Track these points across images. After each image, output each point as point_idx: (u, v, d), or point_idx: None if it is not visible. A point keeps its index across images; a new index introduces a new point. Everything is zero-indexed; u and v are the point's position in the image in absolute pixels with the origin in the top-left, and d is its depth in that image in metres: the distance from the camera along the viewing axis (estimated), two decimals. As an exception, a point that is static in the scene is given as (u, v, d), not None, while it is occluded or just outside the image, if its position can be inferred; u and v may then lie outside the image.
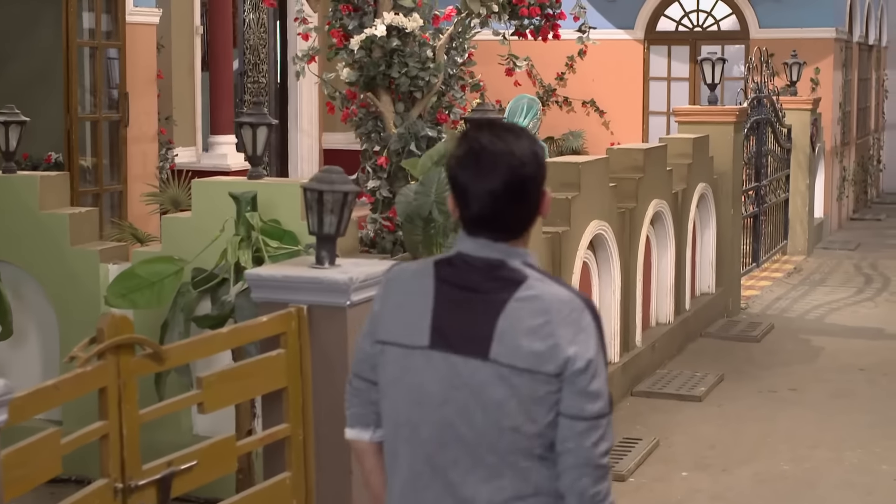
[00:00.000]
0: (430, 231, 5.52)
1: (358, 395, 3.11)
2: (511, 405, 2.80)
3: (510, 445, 2.83)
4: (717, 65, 11.28)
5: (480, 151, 2.85)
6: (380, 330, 3.00)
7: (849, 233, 17.41)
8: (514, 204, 2.87)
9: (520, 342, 2.80)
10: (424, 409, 2.90)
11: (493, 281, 2.86)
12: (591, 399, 2.82)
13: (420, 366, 2.90)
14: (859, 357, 9.81)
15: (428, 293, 2.92)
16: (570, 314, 2.84)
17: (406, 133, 6.37)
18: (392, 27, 6.33)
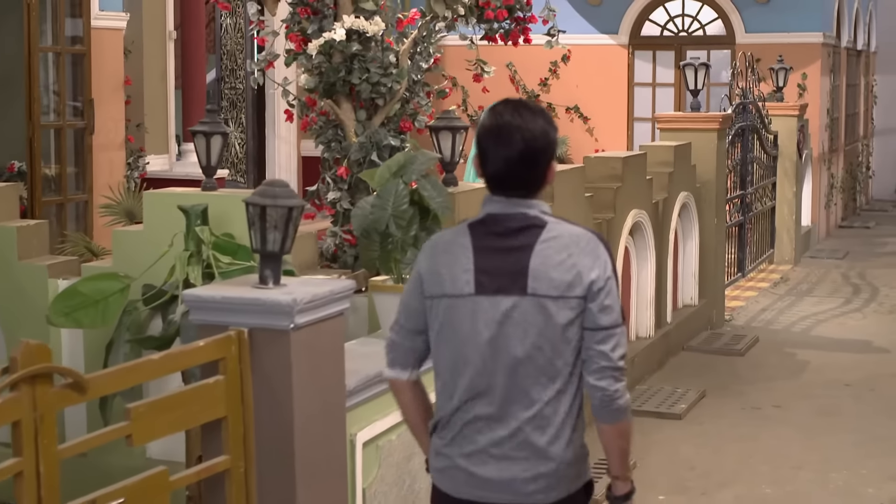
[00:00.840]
0: (388, 246, 5.21)
1: (400, 343, 3.71)
2: (550, 329, 3.45)
3: (548, 362, 3.48)
4: (700, 70, 10.98)
5: (502, 124, 3.48)
6: (426, 287, 3.60)
7: (837, 241, 17.12)
8: (526, 169, 3.50)
9: (551, 275, 3.44)
10: (472, 347, 3.52)
11: (519, 230, 3.49)
12: (607, 312, 3.47)
13: (468, 310, 3.51)
14: (846, 372, 9.52)
15: (467, 250, 3.53)
16: (587, 246, 3.49)
17: (367, 142, 6.07)
18: (352, 31, 6.03)
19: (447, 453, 3.62)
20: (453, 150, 6.35)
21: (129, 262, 6.07)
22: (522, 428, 3.52)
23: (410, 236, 5.22)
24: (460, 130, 6.36)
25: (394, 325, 3.75)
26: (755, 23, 16.34)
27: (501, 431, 3.53)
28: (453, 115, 6.43)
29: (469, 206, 6.24)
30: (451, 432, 3.61)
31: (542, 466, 3.53)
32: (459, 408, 3.57)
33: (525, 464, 3.54)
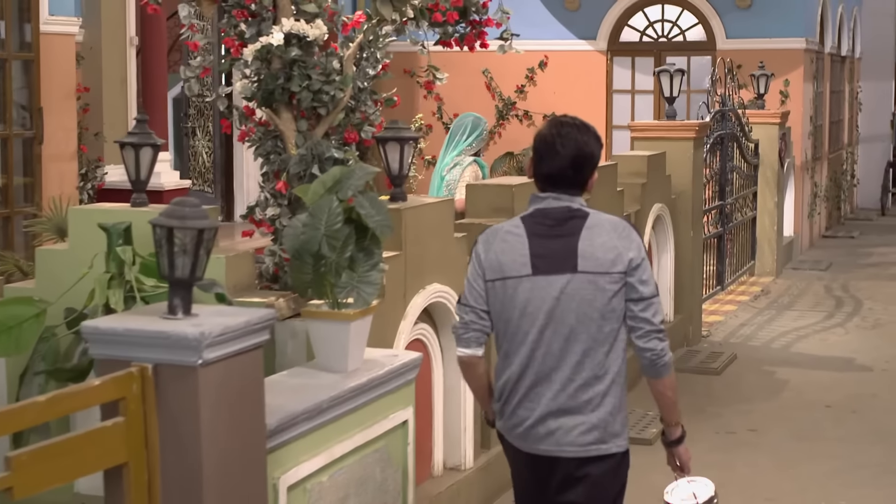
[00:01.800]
0: (321, 269, 4.78)
1: (474, 323, 4.35)
2: (599, 300, 4.13)
3: (597, 333, 4.14)
4: (675, 77, 10.57)
5: (563, 133, 4.27)
6: (488, 272, 4.29)
7: (820, 251, 16.73)
8: (575, 172, 4.23)
9: (596, 255, 4.15)
10: (531, 319, 4.18)
11: (566, 220, 4.21)
12: (645, 284, 4.17)
13: (526, 288, 4.19)
14: (826, 392, 9.10)
15: (522, 238, 4.24)
16: (623, 231, 4.24)
17: (308, 154, 5.64)
18: (292, 35, 5.60)
19: (516, 414, 4.28)
20: (401, 162, 5.92)
21: (53, 282, 5.64)
22: (576, 387, 4.18)
23: (345, 258, 4.78)
24: (409, 141, 5.93)
25: (463, 309, 4.39)
26: (736, 28, 15.96)
27: (558, 391, 4.19)
28: (401, 126, 6.00)
29: (419, 222, 5.82)
30: (516, 396, 4.27)
31: (595, 419, 4.18)
32: (522, 374, 4.25)
33: (580, 417, 4.18)
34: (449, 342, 6.28)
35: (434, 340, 6.17)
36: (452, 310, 6.15)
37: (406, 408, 5.03)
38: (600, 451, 4.22)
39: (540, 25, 16.64)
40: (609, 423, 4.20)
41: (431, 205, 6.00)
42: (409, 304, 5.75)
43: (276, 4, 5.83)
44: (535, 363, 4.22)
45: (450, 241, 6.16)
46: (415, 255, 5.77)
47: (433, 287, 5.94)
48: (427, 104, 17.24)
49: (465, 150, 8.36)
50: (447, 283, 6.07)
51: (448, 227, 6.13)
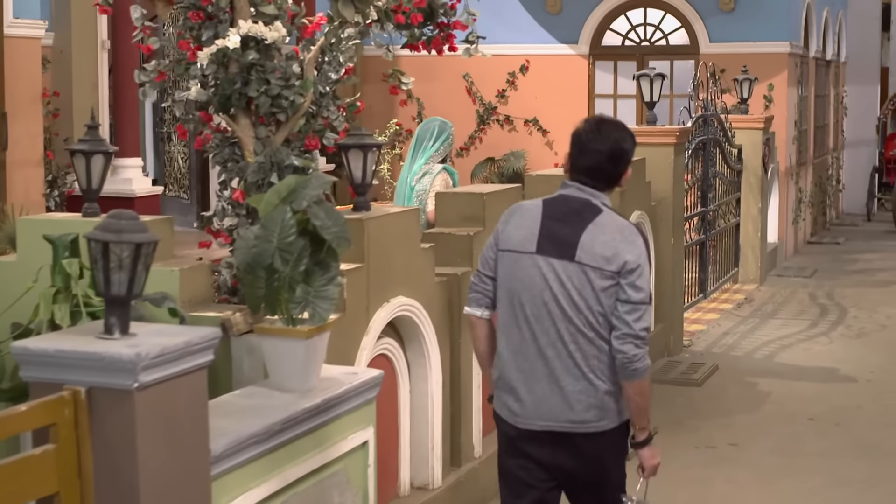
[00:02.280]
0: (274, 283, 4.54)
1: (479, 286, 4.60)
2: (587, 290, 4.33)
3: (584, 320, 4.34)
4: (655, 81, 10.35)
5: (602, 127, 4.52)
6: (501, 242, 4.53)
7: (805, 258, 16.53)
8: (611, 164, 4.45)
9: (595, 250, 4.34)
10: (530, 294, 4.40)
11: (580, 211, 4.42)
12: (636, 290, 4.31)
13: (529, 265, 4.42)
14: (809, 404, 8.88)
15: (537, 218, 4.47)
16: (629, 235, 4.40)
17: (266, 162, 5.40)
18: (249, 38, 5.37)
19: (512, 389, 4.49)
20: (364, 170, 5.68)
21: (2, 295, 5.41)
22: (570, 367, 4.39)
23: (300, 272, 4.55)
24: (372, 148, 5.69)
25: (477, 272, 4.65)
26: (719, 32, 15.75)
27: (554, 368, 4.40)
28: (364, 132, 5.76)
29: (383, 232, 5.59)
30: (511, 369, 4.49)
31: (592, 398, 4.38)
32: (518, 347, 4.46)
33: (575, 395, 4.39)
34: (416, 357, 6.05)
35: (400, 355, 5.94)
36: (419, 323, 5.92)
37: (366, 428, 4.80)
38: (598, 427, 4.42)
39: (521, 29, 16.43)
40: (605, 401, 4.40)
41: (396, 214, 5.77)
42: (373, 319, 5.51)
43: (233, 6, 5.59)
44: (531, 338, 4.45)
45: (416, 253, 5.92)
46: (378, 266, 5.53)
47: (398, 300, 5.71)
48: (407, 109, 17.03)
49: (432, 156, 8.08)
50: (414, 295, 5.84)
51: (414, 238, 5.90)
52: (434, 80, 16.75)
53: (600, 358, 4.36)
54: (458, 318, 6.41)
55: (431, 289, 6.07)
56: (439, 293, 6.19)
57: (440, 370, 6.11)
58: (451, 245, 6.54)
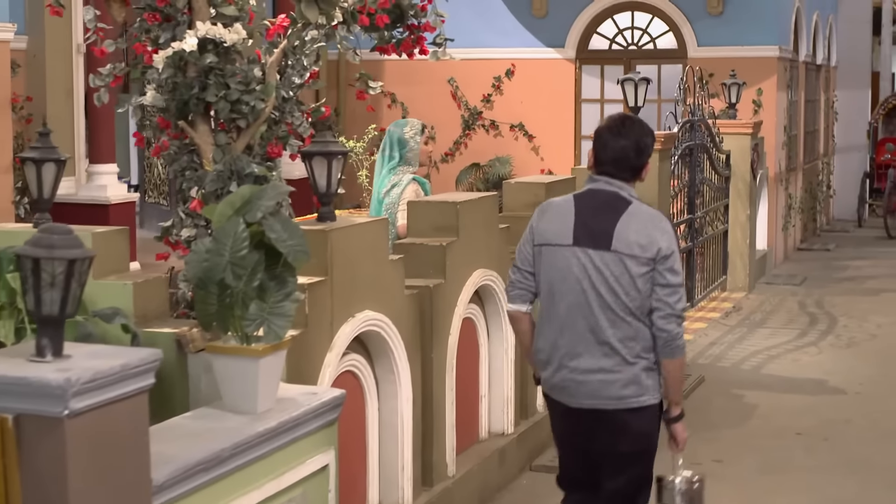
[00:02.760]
0: (226, 300, 4.29)
1: (519, 283, 4.87)
2: (625, 278, 4.63)
3: (623, 305, 4.65)
4: (640, 85, 10.12)
5: (625, 122, 4.82)
6: (537, 237, 4.80)
7: (795, 265, 16.30)
8: (636, 157, 4.75)
9: (630, 239, 4.64)
10: (568, 284, 4.69)
11: (611, 203, 4.71)
12: (673, 273, 4.65)
13: (566, 257, 4.70)
14: (797, 417, 8.64)
15: (570, 212, 4.75)
16: (659, 223, 4.73)
17: (225, 171, 5.15)
18: (207, 40, 5.12)
19: (558, 372, 4.81)
20: (329, 179, 5.43)
21: (-50, 310, 5.14)
22: (609, 348, 4.70)
23: (253, 287, 4.29)
24: (337, 156, 5.43)
25: (512, 269, 4.94)
26: (708, 36, 15.52)
27: (595, 351, 4.72)
28: (329, 139, 5.51)
29: (348, 244, 5.34)
30: (557, 355, 4.81)
31: (630, 375, 4.69)
32: (560, 334, 4.78)
33: (615, 375, 4.70)
34: (385, 373, 5.80)
35: (368, 372, 5.69)
36: (387, 338, 5.67)
37: (326, 451, 4.55)
38: (639, 402, 4.73)
39: (507, 33, 16.20)
40: (642, 378, 4.72)
41: (362, 225, 5.52)
42: (337, 334, 5.26)
43: (191, 7, 5.34)
44: (572, 325, 4.75)
45: (384, 265, 5.67)
46: (343, 280, 5.28)
47: (365, 315, 5.45)
48: (392, 114, 16.78)
49: (401, 166, 7.68)
50: (381, 310, 5.58)
51: (382, 249, 5.65)
52: (418, 84, 16.52)
53: (636, 339, 4.70)
54: (430, 332, 6.17)
55: (401, 302, 5.82)
56: (409, 307, 5.94)
57: (410, 387, 5.86)
58: (423, 256, 6.30)
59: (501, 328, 7.04)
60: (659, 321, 4.67)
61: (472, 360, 6.88)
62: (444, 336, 6.31)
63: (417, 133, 7.67)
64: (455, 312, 6.43)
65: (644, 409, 4.76)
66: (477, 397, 6.98)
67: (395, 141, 7.67)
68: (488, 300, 6.96)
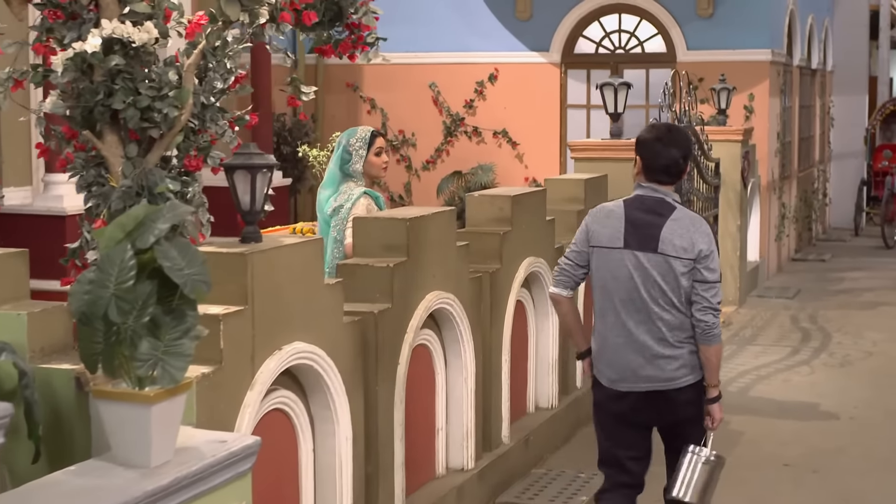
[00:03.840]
0: (111, 338, 3.72)
1: (567, 271, 5.45)
2: (670, 276, 5.21)
3: (668, 300, 5.23)
4: (620, 91, 9.55)
5: (673, 131, 5.47)
6: (592, 240, 5.36)
7: (789, 276, 15.72)
8: (683, 161, 5.38)
9: (675, 242, 5.23)
10: (620, 282, 5.27)
11: (656, 209, 5.31)
12: (710, 272, 5.24)
13: (617, 258, 5.28)
14: (785, 446, 8.06)
15: (621, 218, 5.33)
16: (700, 227, 5.33)
17: (133, 187, 4.59)
18: (113, 40, 4.56)
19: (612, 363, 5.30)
20: (253, 195, 4.85)
21: None
22: (651, 339, 5.22)
23: (144, 324, 3.72)
24: (262, 170, 4.85)
25: (563, 260, 5.45)
26: (698, 39, 14.96)
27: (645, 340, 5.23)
28: (254, 151, 4.92)
29: (274, 268, 4.76)
30: (609, 346, 5.30)
31: (681, 359, 5.22)
32: (613, 327, 5.27)
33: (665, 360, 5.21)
34: (321, 410, 5.23)
35: (300, 409, 5.10)
36: (322, 372, 5.10)
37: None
38: (686, 381, 5.27)
39: (489, 36, 15.65)
40: (688, 360, 5.25)
41: (292, 246, 4.92)
42: (259, 371, 4.68)
43: (98, 3, 4.77)
44: (624, 319, 5.26)
45: (319, 290, 5.08)
46: (267, 308, 4.70)
47: (294, 347, 4.87)
48: (371, 119, 16.23)
49: (350, 179, 6.85)
50: (315, 340, 5.00)
51: (315, 273, 5.06)
52: (398, 89, 15.97)
53: (682, 328, 5.22)
54: (375, 362, 5.59)
55: (338, 331, 5.24)
56: (349, 336, 5.35)
57: (350, 424, 5.28)
58: (369, 278, 5.72)
59: (460, 355, 6.47)
60: (697, 314, 5.20)
61: (426, 391, 6.31)
62: (391, 366, 5.73)
63: (363, 145, 6.79)
64: (405, 340, 5.85)
65: (691, 386, 5.29)
66: (433, 431, 6.40)
67: (343, 146, 6.90)
68: (445, 325, 6.39)
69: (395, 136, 16.15)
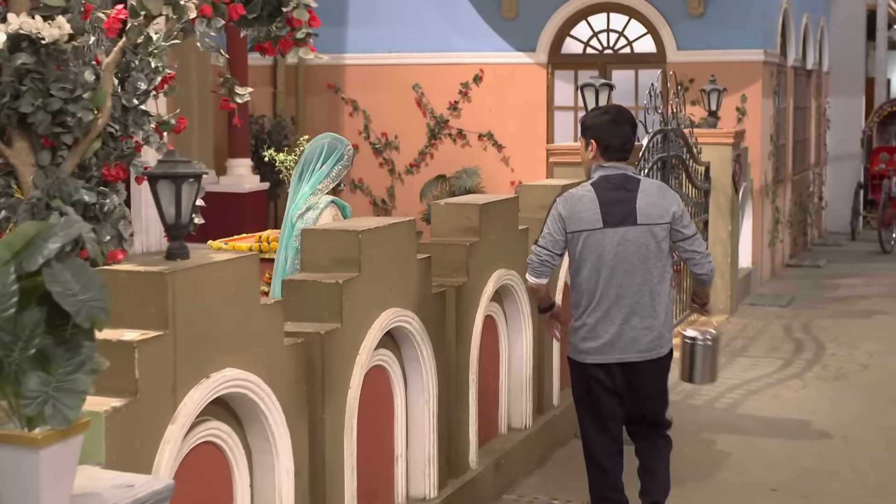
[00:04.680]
0: (-10, 373, 3.27)
1: (549, 262, 5.73)
2: (651, 244, 5.61)
3: (649, 270, 5.62)
4: (601, 91, 9.10)
5: (621, 111, 5.89)
6: (570, 226, 5.65)
7: (782, 283, 15.27)
8: (633, 138, 5.80)
9: (650, 212, 5.62)
10: (604, 260, 5.60)
11: (624, 185, 5.68)
12: (687, 227, 5.72)
13: (599, 238, 5.60)
14: (773, 469, 7.60)
15: (594, 199, 5.64)
16: (667, 191, 5.81)
17: (43, 198, 4.14)
18: (21, 36, 4.11)
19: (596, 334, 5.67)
20: (178, 206, 4.40)
21: None
22: (640, 307, 5.61)
23: (30, 357, 3.27)
24: (187, 179, 4.40)
25: (540, 250, 5.71)
26: (688, 39, 14.52)
27: (627, 312, 5.61)
28: (179, 158, 4.46)
29: (200, 287, 4.30)
30: (593, 320, 5.66)
31: (649, 330, 5.63)
32: (599, 302, 5.63)
33: (640, 330, 5.63)
34: (259, 442, 4.77)
35: (235, 442, 4.65)
36: (258, 401, 4.64)
37: (146, 560, 3.51)
38: (660, 353, 5.70)
39: (474, 36, 15.21)
40: (661, 330, 5.68)
41: (222, 264, 4.47)
42: (182, 402, 4.22)
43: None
44: (609, 293, 5.60)
45: (254, 310, 4.63)
46: (192, 333, 4.25)
47: (224, 374, 4.42)
48: (353, 122, 15.81)
49: (321, 183, 6.54)
50: (249, 366, 4.55)
51: (251, 292, 4.61)
52: (381, 90, 15.54)
53: (662, 297, 5.66)
54: (322, 387, 5.14)
55: (278, 355, 4.78)
56: (291, 360, 4.89)
57: (291, 456, 4.83)
58: (316, 296, 5.27)
59: (421, 376, 6.02)
60: (695, 268, 5.76)
61: (384, 416, 5.86)
62: (340, 391, 5.27)
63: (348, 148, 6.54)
64: (356, 362, 5.39)
65: (662, 358, 5.74)
66: (391, 458, 5.95)
67: (320, 154, 6.49)
68: (405, 344, 5.93)
69: (377, 138, 15.71)
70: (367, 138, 15.75)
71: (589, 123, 5.78)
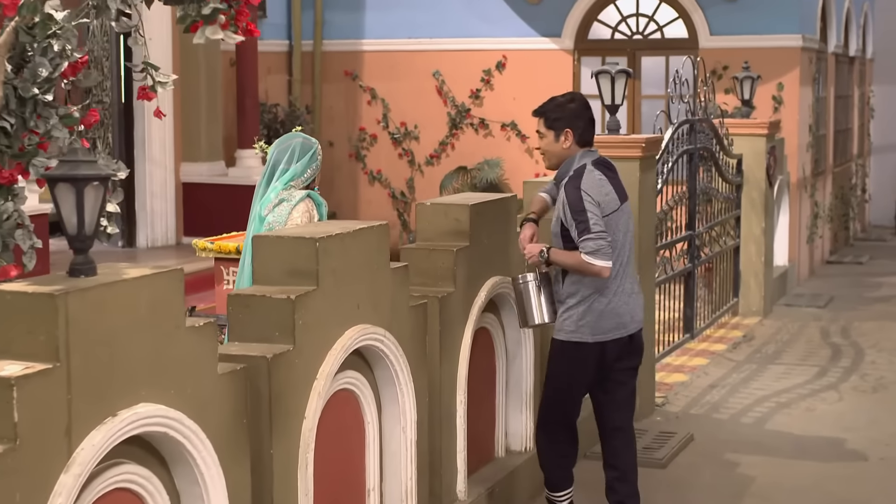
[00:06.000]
0: None
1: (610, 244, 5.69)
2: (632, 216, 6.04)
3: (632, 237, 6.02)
4: (618, 79, 8.37)
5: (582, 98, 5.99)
6: (605, 208, 5.72)
7: (822, 282, 14.47)
8: None
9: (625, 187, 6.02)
10: (625, 235, 5.85)
11: (609, 165, 5.93)
12: None
13: (622, 214, 5.82)
14: (802, 496, 6.88)
15: (605, 180, 5.81)
16: None
17: (-84, 205, 3.50)
18: None
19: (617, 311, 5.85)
20: (81, 215, 3.72)
21: None
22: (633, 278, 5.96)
23: None
24: (92, 182, 3.72)
25: (603, 234, 5.69)
26: (722, 24, 13.76)
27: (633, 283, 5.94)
28: (82, 157, 3.78)
29: (103, 311, 3.63)
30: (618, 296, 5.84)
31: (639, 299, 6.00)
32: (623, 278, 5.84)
33: (637, 300, 5.96)
34: (188, 485, 4.10)
35: (156, 486, 3.98)
36: (183, 440, 3.97)
37: None
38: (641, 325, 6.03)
39: (497, 21, 14.51)
40: None
41: (133, 282, 3.79)
42: (79, 447, 3.56)
43: None
44: (627, 269, 5.85)
45: (177, 335, 3.95)
46: (93, 364, 3.58)
47: (137, 411, 3.75)
48: (371, 110, 15.16)
49: (294, 182, 6.07)
50: (172, 401, 3.88)
51: (173, 314, 3.93)
52: (400, 77, 14.87)
53: None
54: (269, 420, 4.46)
55: (209, 386, 4.11)
56: (227, 390, 4.21)
57: (226, 501, 4.16)
58: (266, 313, 4.59)
59: (397, 400, 5.33)
60: None
61: (352, 446, 5.18)
62: (293, 423, 4.60)
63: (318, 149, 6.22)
64: (313, 388, 4.71)
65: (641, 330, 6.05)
66: (362, 493, 5.26)
67: (292, 153, 6.05)
68: (377, 364, 5.25)
69: (396, 128, 15.05)
70: (386, 128, 15.09)
71: (558, 114, 5.80)
